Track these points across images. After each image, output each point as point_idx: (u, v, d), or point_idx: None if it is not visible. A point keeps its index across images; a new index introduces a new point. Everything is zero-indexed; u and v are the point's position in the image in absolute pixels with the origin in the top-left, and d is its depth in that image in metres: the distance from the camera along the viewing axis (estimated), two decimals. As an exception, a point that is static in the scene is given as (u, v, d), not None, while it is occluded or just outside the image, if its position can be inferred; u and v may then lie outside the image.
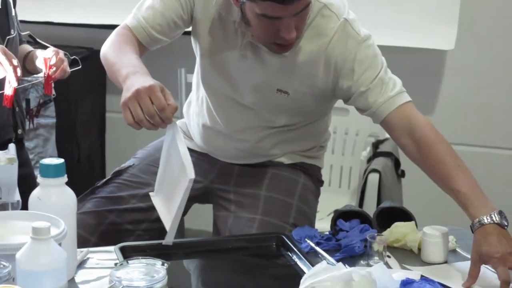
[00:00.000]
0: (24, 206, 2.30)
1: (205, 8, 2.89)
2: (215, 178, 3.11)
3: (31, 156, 4.03)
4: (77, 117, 4.58)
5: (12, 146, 2.38)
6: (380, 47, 2.86)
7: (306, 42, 2.83)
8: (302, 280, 2.14)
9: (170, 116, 2.41)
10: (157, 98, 2.37)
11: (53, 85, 3.06)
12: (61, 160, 2.20)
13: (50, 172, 2.18)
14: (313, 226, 2.94)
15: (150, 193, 2.66)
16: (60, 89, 3.69)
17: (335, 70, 2.82)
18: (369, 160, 3.74)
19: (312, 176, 3.15)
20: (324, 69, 2.83)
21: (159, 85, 2.42)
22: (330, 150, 4.19)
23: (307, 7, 2.68)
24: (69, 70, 3.05)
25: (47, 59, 2.99)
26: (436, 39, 4.52)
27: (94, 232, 2.90)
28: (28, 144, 3.99)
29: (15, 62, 2.73)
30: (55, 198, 2.19)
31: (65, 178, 2.21)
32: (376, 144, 3.88)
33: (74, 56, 3.18)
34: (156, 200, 2.60)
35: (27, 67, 3.13)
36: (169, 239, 2.39)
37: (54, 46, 3.13)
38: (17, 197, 2.32)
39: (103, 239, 2.86)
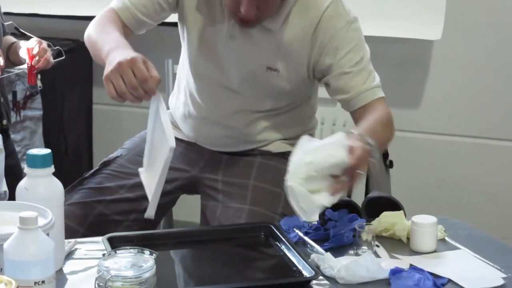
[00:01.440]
0: (11, 197, 2.30)
1: None
2: (203, 168, 3.11)
3: (18, 149, 4.02)
4: (63, 109, 4.57)
5: (-2, 138, 2.37)
6: (365, 37, 2.87)
7: (294, 17, 2.85)
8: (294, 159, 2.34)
9: (153, 88, 2.41)
10: (139, 69, 2.38)
11: (38, 76, 3.05)
12: (48, 151, 2.19)
13: (37, 162, 2.18)
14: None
15: (139, 169, 2.67)
16: (46, 82, 3.69)
17: (320, 45, 2.84)
18: (357, 150, 3.74)
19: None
20: (309, 44, 2.85)
21: (141, 57, 2.43)
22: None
23: None
24: (52, 60, 3.07)
25: (30, 49, 3.01)
26: (422, 29, 4.42)
27: (82, 223, 2.89)
28: (15, 137, 3.99)
29: None
30: (43, 188, 2.18)
31: (52, 169, 2.20)
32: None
33: (57, 47, 3.18)
34: (144, 175, 2.61)
35: (11, 58, 3.14)
36: (150, 212, 2.43)
37: (40, 38, 3.12)
38: (4, 187, 2.32)
39: (91, 230, 2.85)
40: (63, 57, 3.12)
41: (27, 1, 4.70)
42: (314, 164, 2.37)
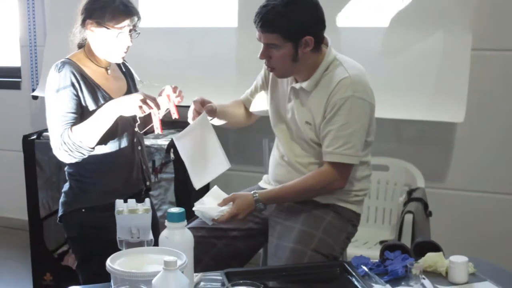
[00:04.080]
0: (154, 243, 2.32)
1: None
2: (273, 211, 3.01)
3: (155, 202, 4.06)
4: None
5: (147, 200, 2.40)
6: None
7: (323, 82, 2.82)
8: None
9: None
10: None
11: (171, 149, 3.06)
12: (182, 210, 2.22)
13: (175, 218, 2.20)
14: (334, 253, 2.87)
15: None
16: (176, 153, 3.73)
17: (328, 107, 2.81)
18: (405, 204, 3.70)
19: (343, 216, 2.96)
20: (325, 104, 2.81)
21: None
22: (375, 196, 4.19)
23: (276, 47, 2.74)
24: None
25: (168, 95, 2.95)
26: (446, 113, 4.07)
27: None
28: (153, 193, 4.02)
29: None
30: (178, 237, 2.20)
31: (185, 223, 2.23)
32: (409, 192, 3.83)
33: None
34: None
35: None
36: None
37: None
38: (150, 236, 2.33)
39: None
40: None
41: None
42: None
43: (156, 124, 2.80)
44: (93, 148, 2.83)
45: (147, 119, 2.87)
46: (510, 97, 4.17)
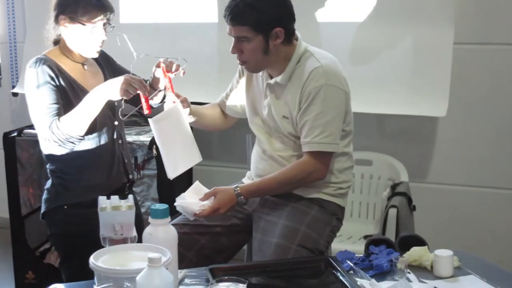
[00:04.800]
0: (138, 240, 2.31)
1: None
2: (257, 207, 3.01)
3: (138, 198, 4.03)
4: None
5: (131, 197, 2.38)
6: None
7: (296, 74, 2.83)
8: None
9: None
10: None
11: (154, 146, 3.03)
12: (166, 206, 2.20)
13: (158, 214, 2.18)
14: (319, 247, 2.85)
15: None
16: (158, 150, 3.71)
17: (303, 98, 2.81)
18: (389, 198, 3.71)
19: (327, 210, 2.95)
20: (299, 95, 2.82)
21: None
22: (359, 191, 4.19)
23: (247, 40, 2.75)
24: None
25: (163, 68, 2.88)
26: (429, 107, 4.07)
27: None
28: (135, 189, 4.00)
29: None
30: (162, 233, 2.18)
31: (168, 219, 2.21)
32: (393, 186, 3.84)
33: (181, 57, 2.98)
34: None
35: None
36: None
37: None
38: (134, 233, 2.32)
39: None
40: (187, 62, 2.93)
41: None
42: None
43: (144, 105, 2.77)
44: (83, 136, 2.80)
45: (137, 100, 2.83)
46: (492, 91, 4.19)
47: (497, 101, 4.18)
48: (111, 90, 2.73)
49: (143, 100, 2.73)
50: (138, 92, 2.70)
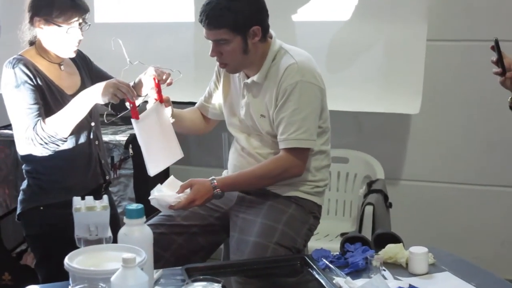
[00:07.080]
0: (113, 240, 2.30)
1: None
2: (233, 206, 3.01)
3: (114, 198, 4.02)
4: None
5: (105, 197, 2.37)
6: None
7: (272, 72, 2.84)
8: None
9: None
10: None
11: (130, 145, 3.02)
12: (141, 206, 2.19)
13: (133, 214, 2.17)
14: (297, 245, 2.85)
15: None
16: (135, 149, 3.71)
17: (279, 95, 2.83)
18: (365, 195, 3.71)
19: (304, 208, 2.96)
20: (275, 93, 2.83)
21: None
22: (335, 188, 4.20)
23: (226, 42, 2.75)
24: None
25: (155, 77, 2.90)
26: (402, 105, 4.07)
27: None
28: (112, 189, 3.98)
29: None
30: (137, 233, 2.17)
31: (144, 219, 2.19)
32: (370, 184, 3.85)
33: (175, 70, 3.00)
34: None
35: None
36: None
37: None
38: (109, 233, 2.31)
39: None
40: (181, 75, 2.98)
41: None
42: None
43: (131, 110, 2.76)
44: (67, 138, 2.79)
45: (123, 105, 2.82)
46: (465, 88, 4.20)
47: (470, 98, 4.19)
48: (99, 93, 2.73)
49: (129, 105, 2.75)
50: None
